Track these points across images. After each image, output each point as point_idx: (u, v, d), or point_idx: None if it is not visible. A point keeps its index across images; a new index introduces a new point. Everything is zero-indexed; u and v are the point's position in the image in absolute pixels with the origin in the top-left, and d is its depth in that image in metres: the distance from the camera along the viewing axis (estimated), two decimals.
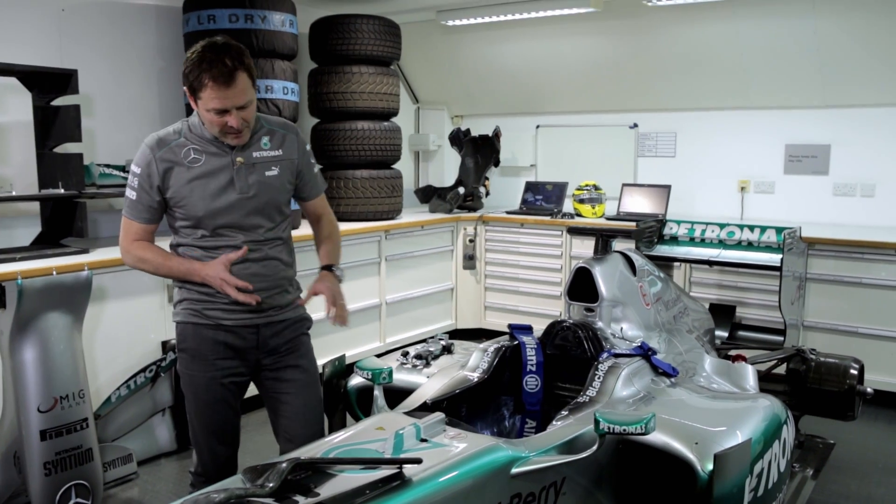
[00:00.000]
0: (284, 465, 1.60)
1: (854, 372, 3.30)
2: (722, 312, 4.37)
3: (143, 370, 3.59)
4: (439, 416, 2.06)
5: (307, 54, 5.28)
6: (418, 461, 1.74)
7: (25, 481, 2.99)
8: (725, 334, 4.27)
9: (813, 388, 3.37)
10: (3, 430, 3.08)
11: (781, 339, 4.02)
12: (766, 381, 3.62)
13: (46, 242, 3.82)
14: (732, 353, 3.66)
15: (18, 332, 2.92)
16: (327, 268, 2.47)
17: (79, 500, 3.05)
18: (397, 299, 5.32)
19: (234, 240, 2.28)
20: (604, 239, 2.95)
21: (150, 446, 3.74)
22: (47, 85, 3.75)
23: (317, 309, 2.46)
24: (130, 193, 2.28)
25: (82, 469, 3.06)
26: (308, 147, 2.45)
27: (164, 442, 3.80)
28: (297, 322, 2.44)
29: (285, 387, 2.41)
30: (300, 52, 5.08)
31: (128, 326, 3.73)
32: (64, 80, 3.71)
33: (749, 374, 2.99)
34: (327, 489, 1.66)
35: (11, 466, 3.06)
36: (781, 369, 3.57)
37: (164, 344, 3.80)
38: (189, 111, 4.58)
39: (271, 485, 1.53)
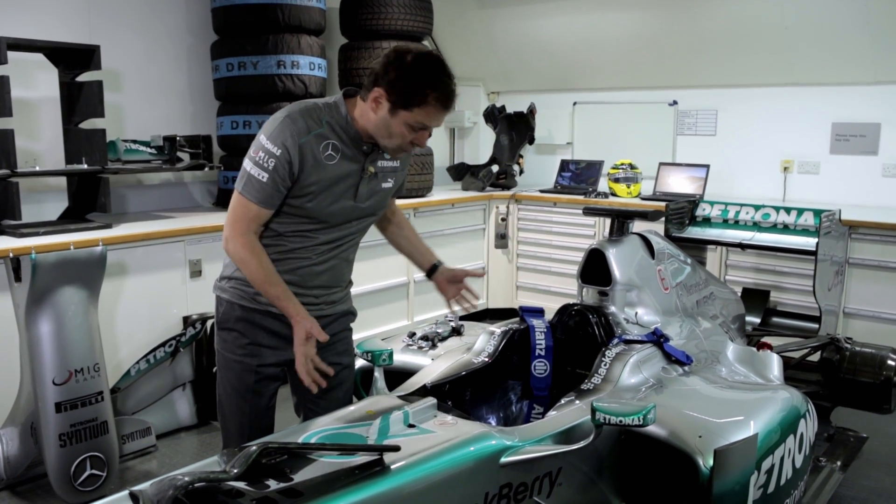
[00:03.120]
0: (254, 448, 1.56)
1: (892, 363, 3.15)
2: (755, 297, 4.21)
3: (163, 345, 3.62)
4: (430, 401, 2.00)
5: (338, 30, 5.23)
6: (396, 448, 1.68)
7: (42, 452, 3.05)
8: (758, 320, 4.11)
9: (846, 378, 3.22)
10: (20, 401, 3.14)
11: (816, 326, 3.85)
12: (798, 370, 3.48)
13: (72, 217, 3.87)
14: (764, 339, 3.53)
15: (34, 305, 2.96)
16: (439, 264, 2.51)
17: (94, 471, 3.10)
18: (426, 278, 5.24)
19: (317, 236, 2.14)
20: (619, 220, 2.84)
21: (170, 420, 3.78)
22: (72, 61, 3.79)
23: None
24: (259, 173, 2.00)
25: (97, 441, 3.11)
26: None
27: (185, 416, 3.84)
28: (344, 316, 2.33)
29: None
30: (331, 28, 5.04)
31: (149, 301, 3.76)
32: (87, 56, 3.73)
33: (773, 364, 2.85)
34: (302, 474, 1.62)
35: (29, 437, 3.12)
36: (816, 358, 3.41)
37: (186, 319, 3.83)
38: (219, 90, 4.63)
39: (236, 470, 1.49)
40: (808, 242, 3.83)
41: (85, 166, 3.73)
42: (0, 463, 3.15)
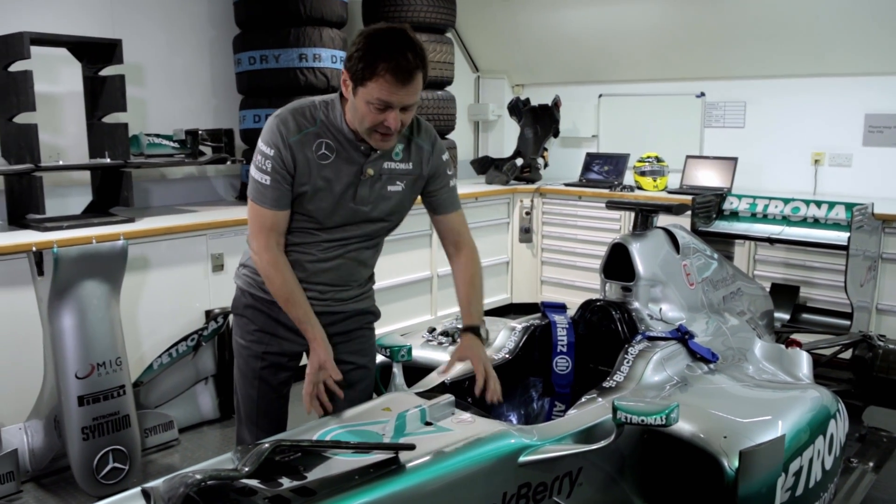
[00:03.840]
0: (266, 446, 1.54)
1: None
2: (784, 293, 4.12)
3: (185, 339, 3.63)
4: (448, 398, 1.96)
5: (360, 22, 5.20)
6: (411, 447, 1.65)
7: (65, 445, 3.07)
8: (787, 317, 4.02)
9: (880, 376, 3.15)
10: (44, 395, 3.16)
11: (848, 323, 3.75)
12: (829, 369, 3.40)
13: (96, 211, 3.89)
14: (794, 336, 3.45)
15: (56, 299, 2.97)
16: (473, 329, 2.21)
17: (116, 464, 3.11)
18: (449, 272, 5.18)
19: (319, 234, 2.10)
20: (643, 214, 2.78)
21: (192, 414, 3.79)
22: (94, 55, 3.80)
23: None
24: (262, 178, 1.99)
25: (119, 435, 3.11)
26: (445, 157, 2.19)
27: (207, 410, 3.84)
28: (359, 315, 2.26)
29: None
30: (353, 20, 5.01)
31: (172, 295, 3.77)
32: (110, 50, 3.74)
33: (803, 362, 2.78)
34: (315, 472, 1.60)
35: (52, 430, 3.14)
36: (848, 356, 3.33)
37: (208, 313, 3.83)
38: (242, 84, 4.63)
39: (248, 468, 1.47)
40: (840, 237, 3.74)
41: (108, 160, 3.74)
42: (25, 455, 3.18)
